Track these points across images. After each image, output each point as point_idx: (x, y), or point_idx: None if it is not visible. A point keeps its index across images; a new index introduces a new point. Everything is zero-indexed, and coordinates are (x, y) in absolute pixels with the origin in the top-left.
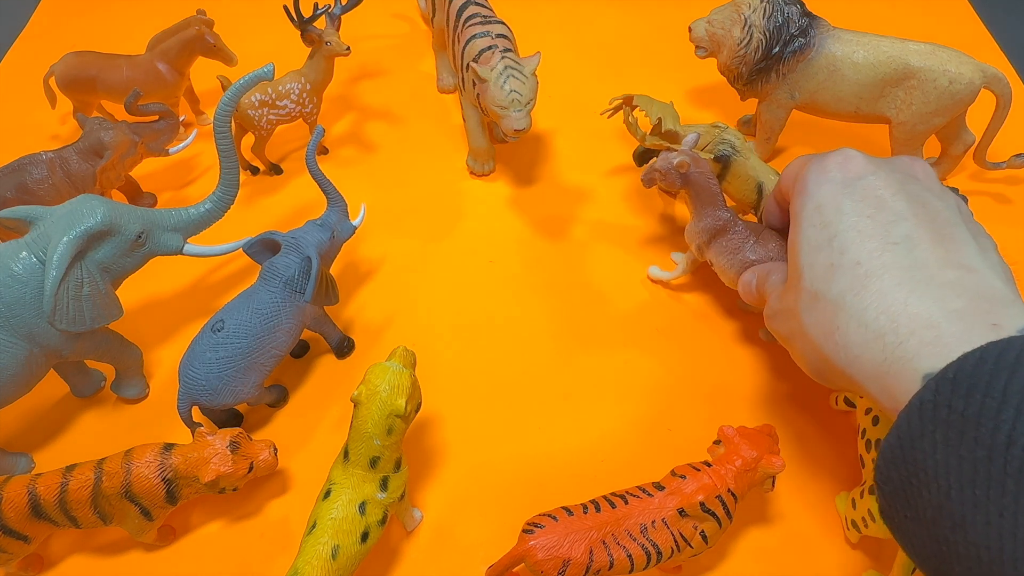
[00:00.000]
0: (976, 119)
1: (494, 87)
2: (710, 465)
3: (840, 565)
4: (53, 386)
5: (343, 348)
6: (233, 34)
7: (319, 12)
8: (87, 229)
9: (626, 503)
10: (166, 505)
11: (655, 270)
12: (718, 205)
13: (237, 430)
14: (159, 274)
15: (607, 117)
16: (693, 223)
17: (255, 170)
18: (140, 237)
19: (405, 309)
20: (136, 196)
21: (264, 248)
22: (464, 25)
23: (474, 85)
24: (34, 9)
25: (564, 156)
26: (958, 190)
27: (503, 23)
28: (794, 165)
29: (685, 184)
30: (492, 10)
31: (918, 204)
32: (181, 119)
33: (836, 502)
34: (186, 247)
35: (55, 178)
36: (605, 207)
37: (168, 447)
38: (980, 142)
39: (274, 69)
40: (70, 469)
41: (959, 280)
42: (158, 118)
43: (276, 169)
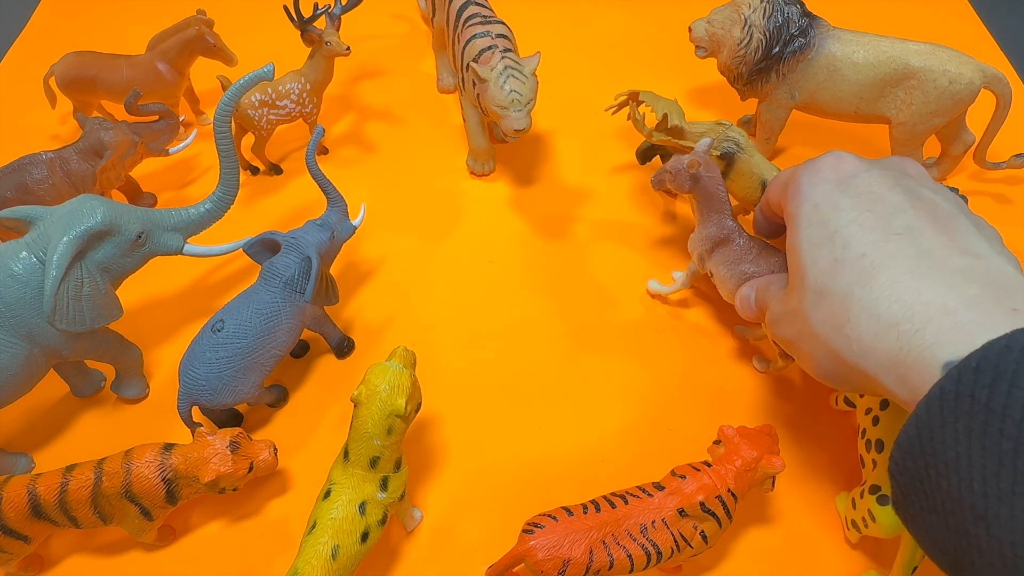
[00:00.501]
0: (976, 119)
1: (494, 87)
2: (710, 465)
3: (840, 565)
4: (53, 386)
5: (343, 348)
6: (233, 34)
7: (319, 12)
8: (87, 229)
9: (626, 503)
10: (166, 505)
11: (654, 284)
12: (724, 213)
13: (237, 430)
14: (159, 274)
15: (612, 113)
16: (697, 231)
17: (255, 170)
18: (140, 237)
19: (405, 309)
20: (136, 196)
21: (264, 248)
22: (464, 25)
23: (474, 85)
24: (34, 9)
25: (564, 156)
26: (958, 190)
27: (503, 23)
28: (782, 176)
29: (694, 187)
30: (492, 10)
31: (915, 197)
32: (181, 119)
33: (836, 502)
34: (186, 247)
35: (55, 178)
36: (605, 207)
37: (168, 447)
38: (980, 142)
39: (274, 69)
40: (70, 469)
41: (969, 267)
42: (158, 118)
43: (276, 169)
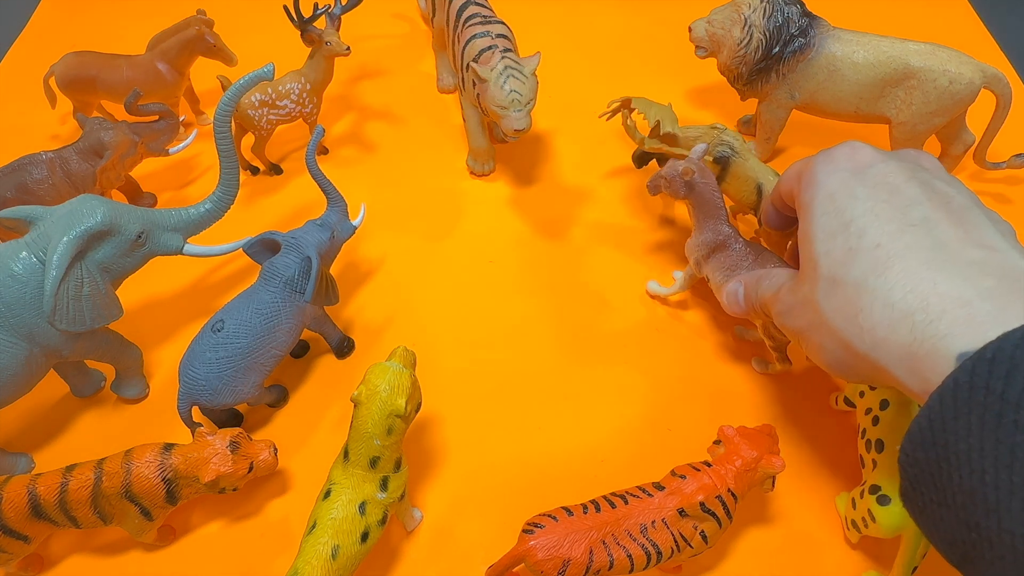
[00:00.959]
0: (976, 119)
1: (494, 87)
2: (710, 465)
3: (840, 565)
4: (53, 386)
5: (343, 348)
6: (233, 34)
7: (319, 12)
8: (87, 229)
9: (626, 503)
10: (166, 505)
11: (653, 285)
12: (720, 219)
13: (237, 430)
14: (159, 274)
15: (606, 120)
16: (693, 236)
17: (255, 170)
18: (140, 237)
19: (405, 309)
20: (136, 196)
21: (264, 248)
22: (464, 25)
23: (474, 85)
24: (34, 9)
25: (564, 156)
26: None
27: (503, 23)
28: (795, 167)
29: (689, 193)
30: (492, 10)
31: (930, 190)
32: (181, 119)
33: (836, 502)
34: (186, 247)
35: (55, 178)
36: (606, 207)
37: (168, 447)
38: (980, 142)
39: (274, 69)
40: (70, 469)
41: (985, 259)
42: (158, 118)
43: (276, 169)
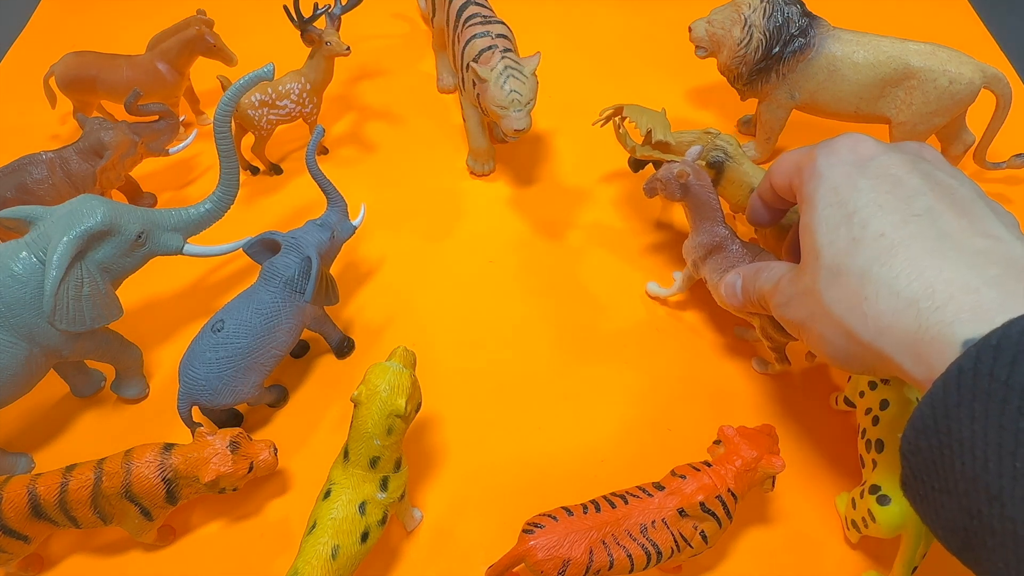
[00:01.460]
0: (976, 119)
1: (494, 87)
2: (710, 465)
3: (840, 565)
4: (53, 386)
5: (343, 348)
6: (233, 34)
7: (319, 12)
8: (87, 229)
9: (626, 503)
10: (166, 505)
11: (653, 286)
12: (717, 221)
13: (237, 430)
14: (159, 274)
15: (599, 127)
16: (691, 238)
17: (255, 170)
18: (140, 237)
19: (405, 309)
20: (136, 196)
21: (264, 248)
22: (464, 25)
23: (474, 85)
24: (34, 9)
25: (564, 156)
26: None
27: (503, 23)
28: (790, 158)
29: (684, 196)
30: (492, 10)
31: (932, 181)
32: (181, 119)
33: (836, 502)
34: (186, 247)
35: (55, 178)
36: (606, 207)
37: (168, 447)
38: (980, 142)
39: (274, 69)
40: (70, 469)
41: (990, 249)
42: (158, 118)
43: (276, 169)
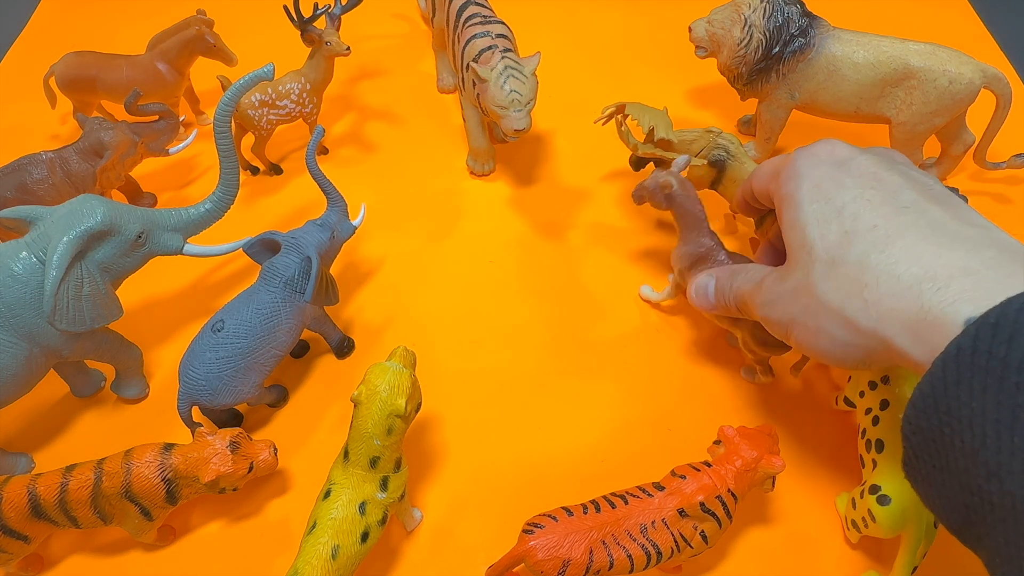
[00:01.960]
0: (976, 119)
1: (494, 87)
2: (710, 465)
3: (840, 565)
4: (53, 386)
5: (343, 348)
6: (233, 34)
7: (319, 12)
8: (87, 229)
9: (626, 503)
10: (166, 505)
11: (646, 290)
12: (702, 231)
13: (237, 430)
14: (159, 274)
15: (600, 125)
16: (677, 247)
17: (255, 170)
18: (140, 237)
19: (405, 309)
20: (136, 196)
21: (264, 248)
22: (464, 25)
23: (474, 85)
24: (34, 9)
25: (564, 156)
26: (958, 190)
27: (503, 23)
28: (768, 165)
29: (669, 205)
30: (492, 10)
31: (911, 179)
32: (181, 119)
33: (836, 502)
34: (186, 247)
35: (55, 178)
36: (606, 207)
37: (168, 447)
38: (980, 142)
39: (274, 69)
40: (70, 469)
41: (980, 235)
42: (158, 118)
43: (276, 169)
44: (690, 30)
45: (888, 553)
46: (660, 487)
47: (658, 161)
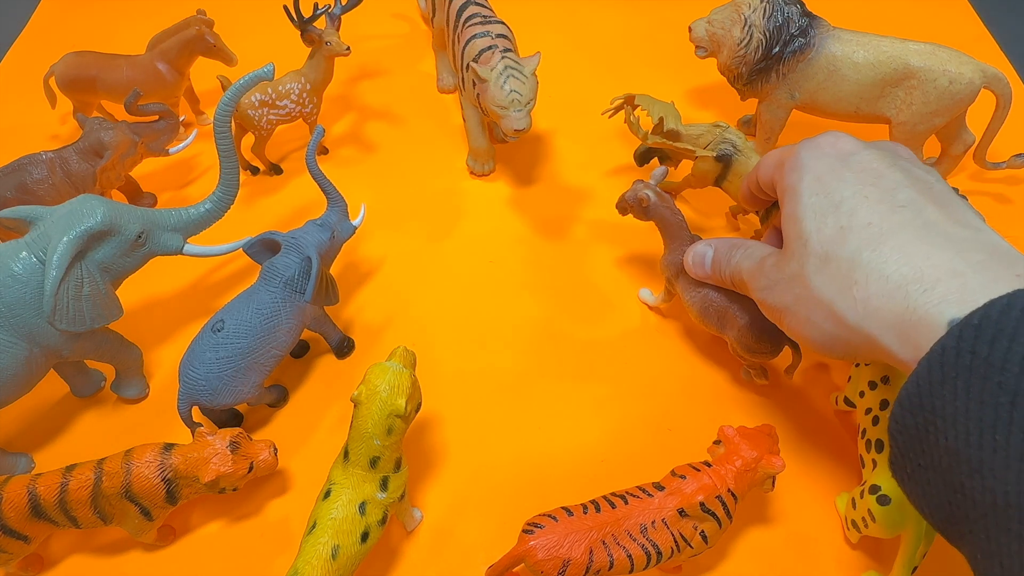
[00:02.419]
0: (976, 119)
1: (494, 87)
2: (710, 465)
3: (840, 565)
4: (53, 386)
5: (343, 348)
6: (233, 34)
7: (319, 12)
8: (87, 229)
9: (626, 503)
10: (166, 505)
11: (645, 293)
12: (685, 240)
13: (237, 430)
14: (159, 274)
15: (608, 117)
16: (663, 256)
17: (255, 170)
18: (140, 237)
19: (405, 309)
20: (136, 196)
21: (264, 248)
22: (464, 25)
23: (474, 85)
24: (34, 9)
25: (564, 156)
26: (958, 190)
27: (503, 23)
28: (773, 155)
29: (649, 217)
30: (492, 10)
31: (912, 176)
32: (181, 119)
33: (836, 502)
34: (186, 247)
35: (55, 178)
36: (606, 207)
37: (168, 447)
38: (980, 142)
39: (274, 69)
40: (70, 469)
41: (972, 237)
42: (158, 118)
43: (276, 169)
44: (690, 30)
45: (888, 553)
46: (660, 487)
47: (662, 156)
